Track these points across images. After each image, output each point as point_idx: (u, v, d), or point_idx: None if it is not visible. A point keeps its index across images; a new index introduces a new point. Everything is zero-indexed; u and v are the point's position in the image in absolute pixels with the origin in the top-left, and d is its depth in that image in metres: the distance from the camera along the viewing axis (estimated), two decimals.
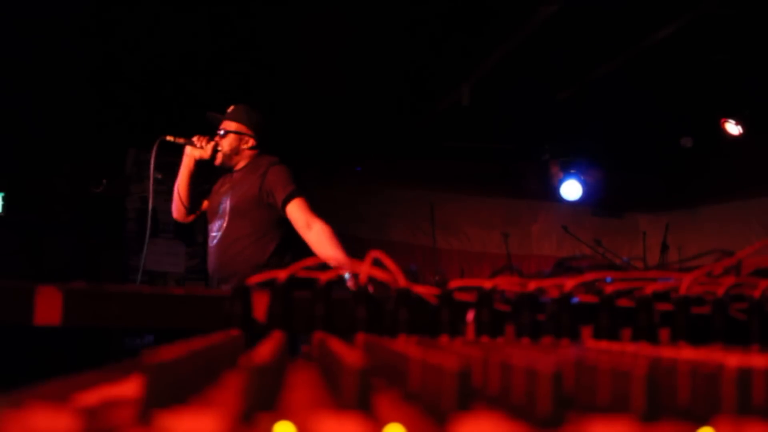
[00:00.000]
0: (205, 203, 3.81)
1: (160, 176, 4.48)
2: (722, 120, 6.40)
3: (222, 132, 3.71)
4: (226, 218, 3.60)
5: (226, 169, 3.75)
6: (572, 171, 7.52)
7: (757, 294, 1.18)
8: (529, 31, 4.98)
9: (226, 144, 3.69)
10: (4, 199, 5.81)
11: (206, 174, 3.81)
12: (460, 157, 7.53)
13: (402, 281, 1.12)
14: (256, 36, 5.17)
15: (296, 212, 3.53)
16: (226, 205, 3.63)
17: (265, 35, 5.16)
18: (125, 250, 6.02)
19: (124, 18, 4.86)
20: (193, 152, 3.68)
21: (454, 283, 1.16)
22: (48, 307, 1.19)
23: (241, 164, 3.72)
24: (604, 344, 1.06)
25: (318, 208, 3.60)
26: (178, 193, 3.76)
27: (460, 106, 6.04)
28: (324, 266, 1.15)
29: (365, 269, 1.11)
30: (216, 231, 3.64)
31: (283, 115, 6.27)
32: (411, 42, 5.29)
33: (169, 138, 3.64)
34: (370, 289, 1.13)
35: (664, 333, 1.19)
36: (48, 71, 5.34)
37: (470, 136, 7.28)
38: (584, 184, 7.55)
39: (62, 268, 5.64)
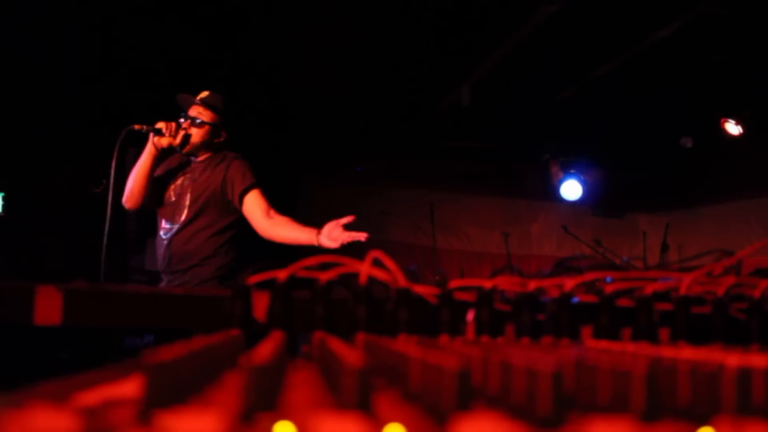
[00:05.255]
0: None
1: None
2: (722, 120, 6.39)
3: (193, 120, 3.57)
4: (186, 211, 3.50)
5: (180, 156, 3.64)
6: (572, 171, 7.52)
7: (757, 294, 1.18)
8: (529, 31, 4.98)
9: (197, 135, 3.56)
10: (4, 199, 5.80)
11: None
12: (460, 157, 7.52)
13: (402, 281, 1.12)
14: (257, 37, 5.17)
15: (255, 201, 3.49)
16: (187, 198, 3.52)
17: (266, 35, 5.16)
18: (125, 250, 6.01)
19: (124, 18, 4.86)
20: (161, 140, 3.50)
21: (454, 283, 1.16)
22: (48, 307, 1.19)
23: (203, 155, 3.61)
24: (604, 344, 1.06)
25: (319, 209, 3.60)
26: (136, 181, 3.57)
27: (460, 106, 6.04)
28: (324, 266, 1.15)
29: (365, 269, 1.11)
30: (173, 223, 3.52)
31: (283, 115, 6.27)
32: (411, 42, 5.29)
33: (137, 127, 3.48)
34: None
35: (664, 333, 1.19)
36: (48, 71, 5.34)
37: (470, 136, 7.28)
38: (584, 184, 7.55)
39: (62, 268, 5.64)
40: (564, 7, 4.61)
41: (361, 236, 3.29)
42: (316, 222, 3.59)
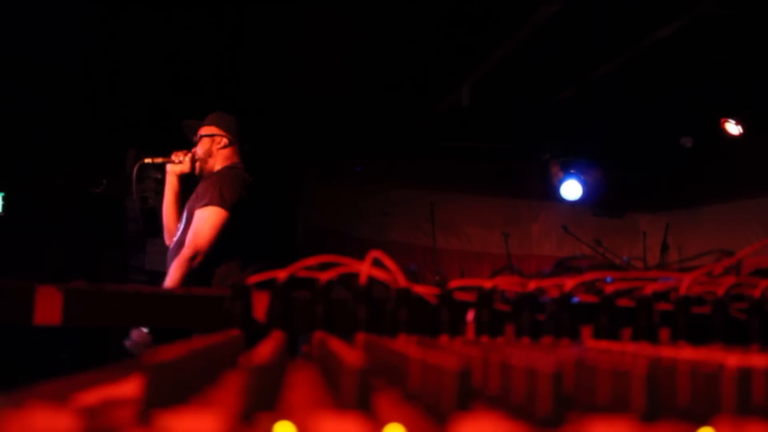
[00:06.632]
0: None
1: (159, 176, 4.47)
2: (722, 120, 6.39)
3: (198, 137, 3.68)
4: (181, 228, 3.54)
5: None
6: (572, 171, 7.52)
7: (757, 294, 1.18)
8: (529, 31, 4.97)
9: (200, 149, 3.64)
10: (4, 199, 5.80)
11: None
12: (460, 157, 7.52)
13: (402, 281, 1.12)
14: (258, 36, 5.17)
15: (195, 221, 3.41)
16: (183, 214, 3.58)
17: (267, 35, 5.16)
18: (125, 250, 6.02)
19: (125, 18, 4.86)
20: (174, 168, 3.63)
21: (454, 283, 1.16)
22: (48, 307, 1.19)
23: (215, 169, 3.65)
24: (604, 344, 1.06)
25: (319, 209, 3.58)
26: (168, 217, 3.65)
27: (460, 106, 6.04)
28: (324, 266, 1.15)
29: (365, 269, 1.11)
30: (173, 237, 3.58)
31: (283, 115, 6.27)
32: (411, 42, 5.29)
33: (148, 160, 3.64)
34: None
35: (664, 333, 1.19)
36: (48, 71, 5.34)
37: (470, 136, 7.28)
38: (584, 184, 7.54)
39: (62, 268, 5.64)
40: (564, 7, 4.61)
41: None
42: (317, 222, 3.62)
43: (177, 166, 3.63)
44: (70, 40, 5.01)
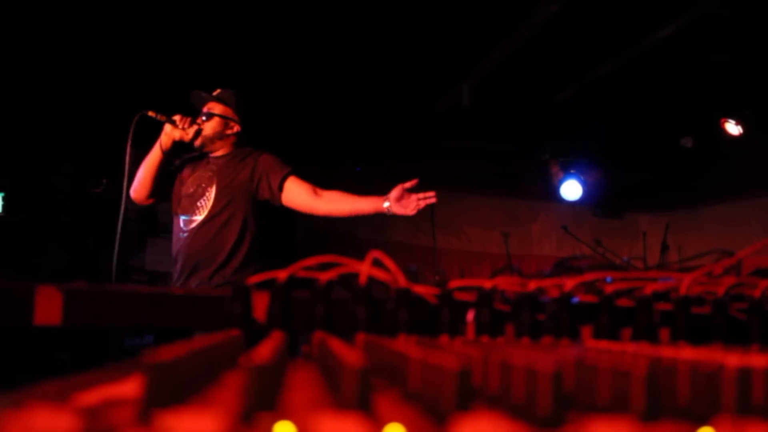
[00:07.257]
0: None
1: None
2: (722, 120, 6.39)
3: (206, 114, 3.56)
4: (209, 206, 3.47)
5: (196, 153, 3.60)
6: (572, 171, 7.52)
7: (757, 294, 1.18)
8: (529, 31, 4.97)
9: (209, 127, 3.54)
10: (4, 199, 5.80)
11: (175, 156, 3.66)
12: (460, 157, 7.52)
13: (402, 281, 1.12)
14: (257, 36, 5.17)
15: (298, 186, 3.57)
16: (212, 190, 3.50)
17: (266, 35, 5.16)
18: (125, 250, 6.02)
19: (125, 18, 4.86)
20: (173, 132, 3.48)
21: (454, 283, 1.16)
22: (48, 307, 1.19)
23: (221, 151, 3.59)
24: (604, 344, 1.06)
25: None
26: (145, 172, 3.54)
27: (460, 106, 6.04)
28: (324, 266, 1.15)
29: (365, 269, 1.11)
30: (195, 215, 3.48)
31: (283, 114, 6.27)
32: (411, 42, 5.29)
33: (151, 114, 3.46)
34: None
35: (664, 333, 1.19)
36: (48, 71, 5.34)
37: (470, 136, 7.28)
38: (584, 184, 7.55)
39: (62, 268, 5.64)
40: (564, 7, 4.61)
41: (432, 198, 3.44)
42: (317, 222, 3.62)
43: (177, 131, 3.49)
44: (70, 39, 5.01)
